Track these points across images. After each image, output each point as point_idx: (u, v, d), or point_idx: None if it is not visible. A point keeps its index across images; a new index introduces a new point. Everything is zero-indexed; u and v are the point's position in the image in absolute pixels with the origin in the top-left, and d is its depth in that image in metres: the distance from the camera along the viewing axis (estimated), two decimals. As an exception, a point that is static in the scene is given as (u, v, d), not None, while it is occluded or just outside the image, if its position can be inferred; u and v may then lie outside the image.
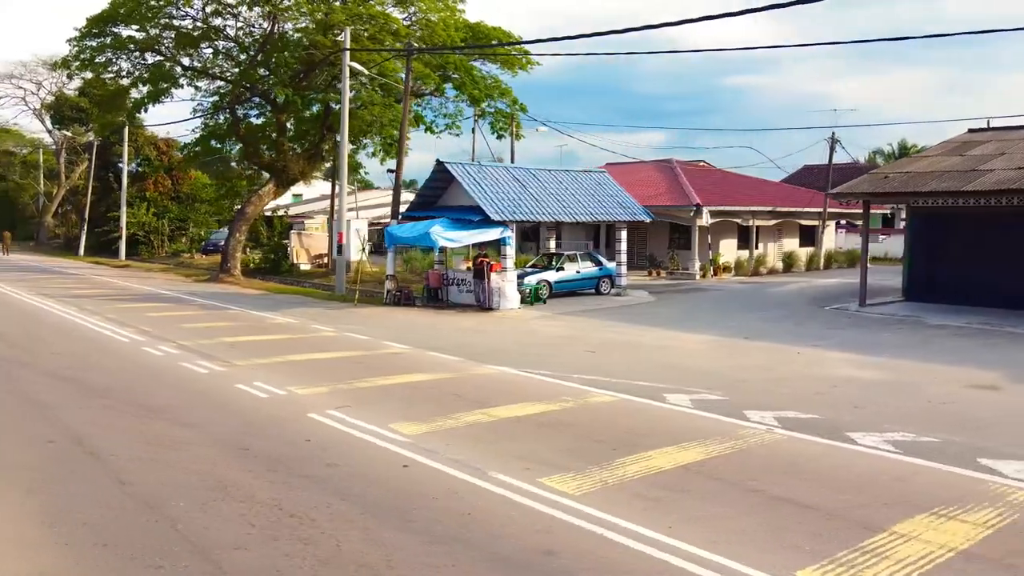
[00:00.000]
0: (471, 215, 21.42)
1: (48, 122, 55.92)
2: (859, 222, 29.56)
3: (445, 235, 20.93)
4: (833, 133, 37.80)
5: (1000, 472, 7.52)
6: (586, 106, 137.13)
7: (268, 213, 41.24)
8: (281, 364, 12.94)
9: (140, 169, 50.84)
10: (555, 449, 8.26)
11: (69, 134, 54.16)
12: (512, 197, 22.17)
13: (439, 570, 5.38)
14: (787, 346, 15.29)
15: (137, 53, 33.14)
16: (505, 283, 21.19)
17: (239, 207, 34.69)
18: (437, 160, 22.52)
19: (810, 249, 38.57)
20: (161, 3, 30.77)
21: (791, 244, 39.01)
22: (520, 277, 22.90)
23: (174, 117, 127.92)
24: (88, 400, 10.42)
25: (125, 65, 33.79)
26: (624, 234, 25.15)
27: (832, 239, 41.05)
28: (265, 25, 30.87)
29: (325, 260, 35.34)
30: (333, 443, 8.40)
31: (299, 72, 30.26)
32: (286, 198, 48.10)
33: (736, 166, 66.40)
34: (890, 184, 20.92)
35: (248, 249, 40.79)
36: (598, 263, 25.09)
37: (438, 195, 23.55)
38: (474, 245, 22.29)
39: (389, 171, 34.27)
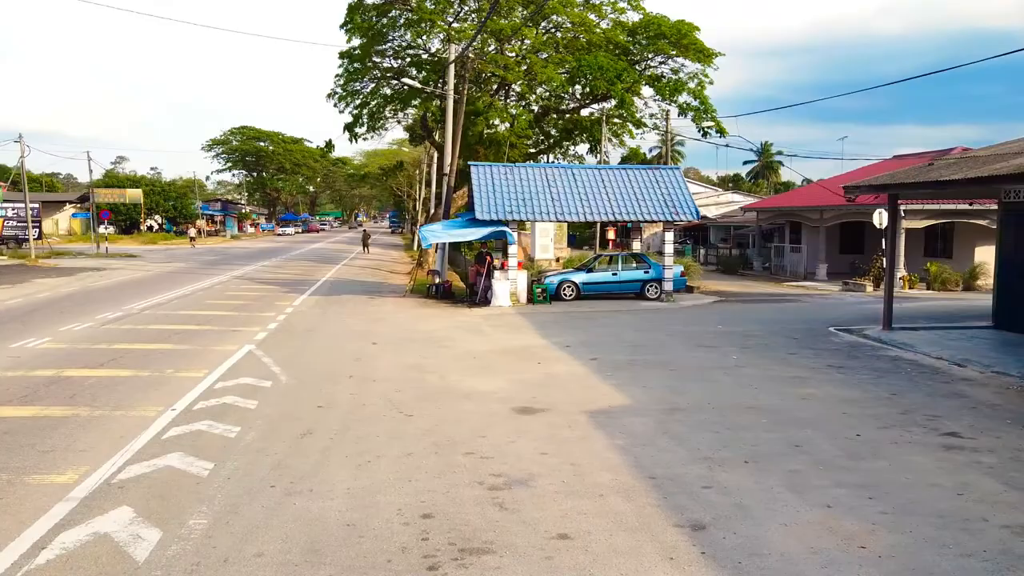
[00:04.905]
0: (472, 214, 22.36)
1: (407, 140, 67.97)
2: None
3: (445, 232, 22.27)
4: None
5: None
6: None
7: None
8: (109, 327, 16.59)
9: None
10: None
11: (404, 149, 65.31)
12: (521, 197, 22.34)
13: None
14: (574, 361, 13.78)
15: (395, 80, 39.91)
16: (496, 281, 21.64)
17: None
18: (469, 163, 23.77)
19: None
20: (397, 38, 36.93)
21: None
22: (540, 276, 22.98)
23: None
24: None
25: (386, 91, 40.82)
26: (670, 235, 22.99)
27: None
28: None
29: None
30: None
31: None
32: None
33: None
34: (911, 174, 16.09)
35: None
36: (646, 266, 23.40)
37: (485, 195, 24.64)
38: (481, 243, 23.00)
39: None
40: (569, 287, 22.69)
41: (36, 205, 46.74)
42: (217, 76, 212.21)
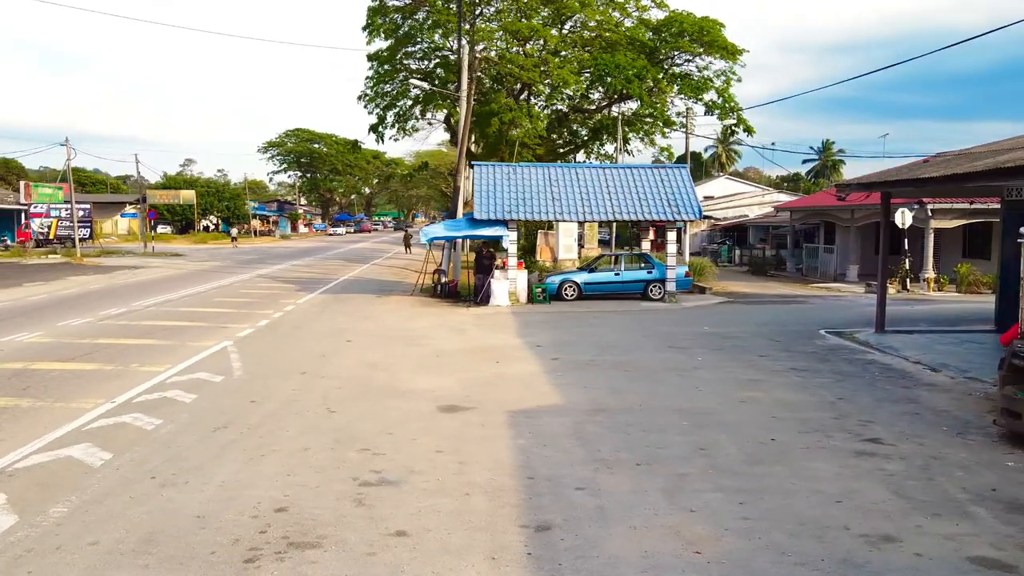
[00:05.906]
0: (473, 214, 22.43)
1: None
2: None
3: (445, 232, 22.41)
4: None
5: None
6: None
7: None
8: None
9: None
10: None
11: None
12: (521, 197, 22.28)
13: None
14: (534, 361, 13.74)
15: (423, 80, 40.31)
16: (495, 281, 21.64)
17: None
18: (472, 163, 23.84)
19: None
20: (421, 42, 37.33)
21: None
22: (544, 276, 22.94)
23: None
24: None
25: (415, 92, 41.24)
26: (673, 235, 22.64)
27: None
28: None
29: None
30: None
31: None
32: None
33: None
34: (901, 172, 15.50)
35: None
36: (649, 266, 23.07)
37: (496, 195, 24.67)
38: (483, 242, 23.04)
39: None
40: (571, 287, 22.54)
41: (87, 206, 48.69)
42: (283, 82, 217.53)
